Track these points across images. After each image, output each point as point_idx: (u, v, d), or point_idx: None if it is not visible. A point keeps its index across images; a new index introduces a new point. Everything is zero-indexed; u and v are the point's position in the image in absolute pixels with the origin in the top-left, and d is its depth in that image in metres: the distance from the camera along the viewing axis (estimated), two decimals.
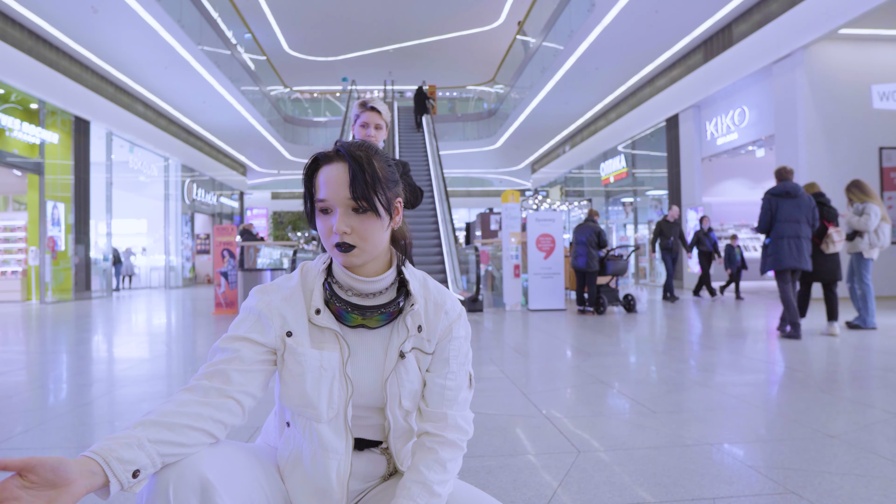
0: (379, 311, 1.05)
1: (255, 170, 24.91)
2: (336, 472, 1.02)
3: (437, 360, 1.10)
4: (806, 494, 1.86)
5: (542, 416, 2.89)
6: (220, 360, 0.98)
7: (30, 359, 4.95)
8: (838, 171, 9.39)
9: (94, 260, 13.50)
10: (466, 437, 1.08)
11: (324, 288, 1.06)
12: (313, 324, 1.04)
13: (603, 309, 8.15)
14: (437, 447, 1.03)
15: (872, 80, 9.34)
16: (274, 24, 19.86)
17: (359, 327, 1.06)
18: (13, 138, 11.01)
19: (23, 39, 10.75)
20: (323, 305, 1.05)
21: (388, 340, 1.07)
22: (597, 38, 12.03)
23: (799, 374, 3.86)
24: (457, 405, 1.08)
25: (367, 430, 1.09)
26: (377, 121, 2.68)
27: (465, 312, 1.15)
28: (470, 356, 1.14)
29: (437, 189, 11.72)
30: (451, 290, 9.23)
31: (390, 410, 1.05)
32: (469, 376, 1.13)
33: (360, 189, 0.98)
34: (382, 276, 1.06)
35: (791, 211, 5.43)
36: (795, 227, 5.41)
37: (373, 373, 1.06)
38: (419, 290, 1.10)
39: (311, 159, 1.04)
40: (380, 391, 1.06)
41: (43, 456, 0.73)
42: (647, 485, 1.98)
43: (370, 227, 1.00)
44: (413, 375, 1.07)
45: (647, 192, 16.42)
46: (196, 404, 0.91)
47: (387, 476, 1.12)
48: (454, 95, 26.11)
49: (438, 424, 1.05)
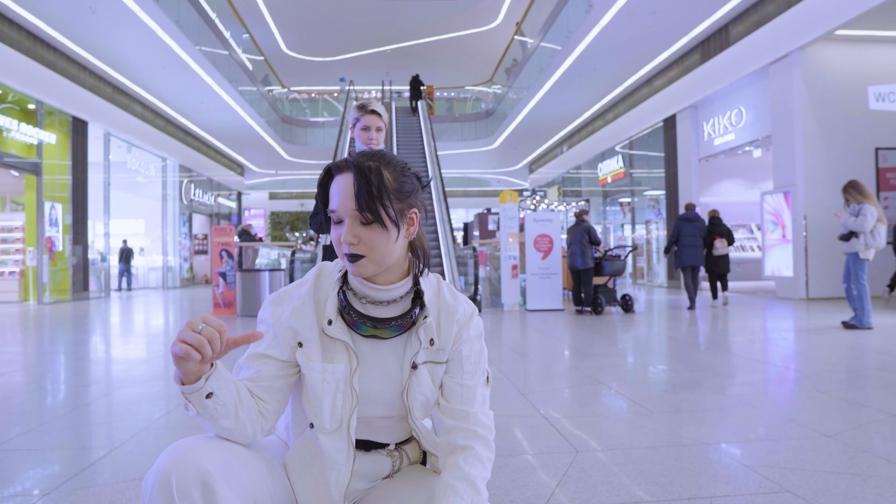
0: (391, 324, 1.06)
1: (253, 170, 24.89)
2: (334, 482, 1.03)
3: (452, 364, 1.11)
4: (801, 493, 1.88)
5: (540, 415, 2.90)
6: (243, 379, 1.02)
7: (28, 360, 4.95)
8: (835, 172, 9.42)
9: (91, 260, 13.48)
10: (492, 435, 1.09)
11: (338, 297, 1.06)
12: (325, 334, 1.05)
13: (601, 309, 8.17)
14: (472, 443, 1.05)
15: (869, 81, 9.38)
16: (272, 24, 19.84)
17: (371, 337, 1.07)
18: (11, 139, 10.99)
19: (20, 40, 10.73)
20: (336, 315, 1.05)
21: (403, 352, 1.08)
22: (594, 39, 12.05)
23: (795, 373, 3.88)
24: (477, 402, 1.10)
25: (376, 432, 1.10)
26: (378, 123, 2.67)
27: (476, 312, 1.16)
28: (485, 353, 1.15)
29: (435, 189, 11.73)
30: None
31: (411, 421, 1.08)
32: (486, 374, 1.14)
33: (365, 201, 0.98)
34: (397, 285, 1.07)
35: (691, 230, 8.52)
36: (693, 240, 8.49)
37: (383, 383, 1.07)
38: (432, 301, 1.11)
39: (325, 170, 1.05)
40: (390, 401, 1.07)
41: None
42: (645, 484, 1.99)
43: (376, 239, 1.00)
44: (426, 388, 1.08)
45: (644, 193, 16.45)
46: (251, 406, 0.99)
47: (390, 475, 1.14)
48: (452, 96, 26.11)
49: (463, 422, 1.07)
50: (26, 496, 1.97)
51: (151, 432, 2.71)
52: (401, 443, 1.15)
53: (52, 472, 2.20)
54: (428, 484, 1.09)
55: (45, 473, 2.19)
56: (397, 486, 1.10)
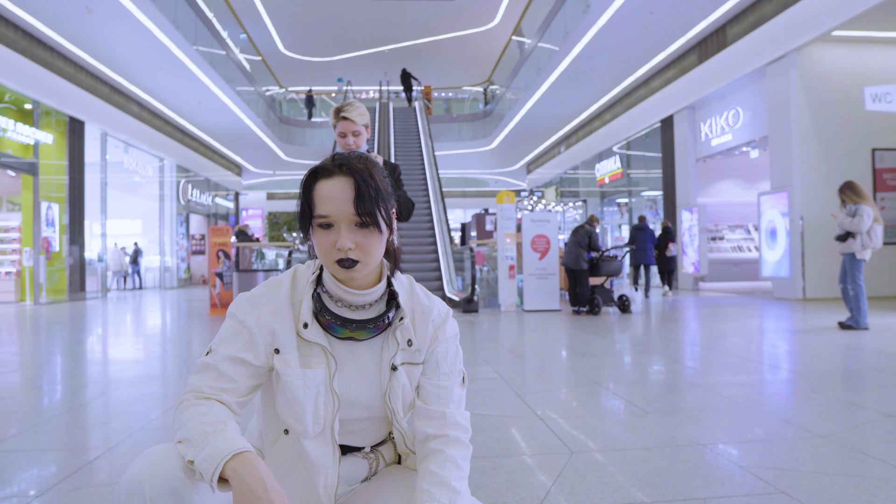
0: (368, 326, 1.05)
1: (251, 170, 24.85)
2: (323, 486, 1.03)
3: (428, 365, 1.11)
4: (796, 494, 1.88)
5: (535, 416, 2.90)
6: (214, 387, 0.97)
7: (24, 360, 4.94)
8: (831, 172, 9.45)
9: (88, 261, 13.45)
10: (467, 435, 1.08)
11: (313, 299, 1.05)
12: (301, 338, 1.03)
13: (598, 309, 8.17)
14: (443, 447, 1.04)
15: (865, 81, 9.40)
16: (269, 24, 19.81)
17: (347, 339, 1.06)
18: (7, 139, 10.96)
19: (17, 40, 10.71)
20: (311, 318, 1.04)
21: (380, 354, 1.08)
22: (592, 39, 12.07)
23: (791, 374, 3.89)
24: (452, 403, 1.09)
25: (352, 436, 1.10)
26: (353, 128, 2.58)
27: (450, 313, 1.15)
28: (460, 354, 1.15)
29: (433, 189, 11.73)
30: (446, 290, 9.25)
31: (395, 422, 1.08)
32: (462, 375, 1.14)
33: (367, 204, 0.97)
34: (373, 289, 1.05)
35: (642, 236, 11.04)
36: (644, 245, 11.02)
37: (362, 384, 1.06)
38: (407, 302, 1.10)
39: (310, 173, 1.02)
40: (371, 403, 1.07)
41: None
42: (640, 485, 1.99)
43: (372, 242, 1.00)
44: (406, 389, 1.07)
45: (642, 193, 16.48)
46: (212, 413, 0.93)
47: (368, 478, 1.14)
48: (450, 96, 26.11)
49: (438, 423, 1.06)
50: (22, 497, 1.97)
51: (147, 433, 2.70)
52: (376, 445, 1.15)
53: (47, 473, 2.19)
54: (407, 482, 1.09)
55: (41, 474, 2.19)
56: (379, 488, 1.10)
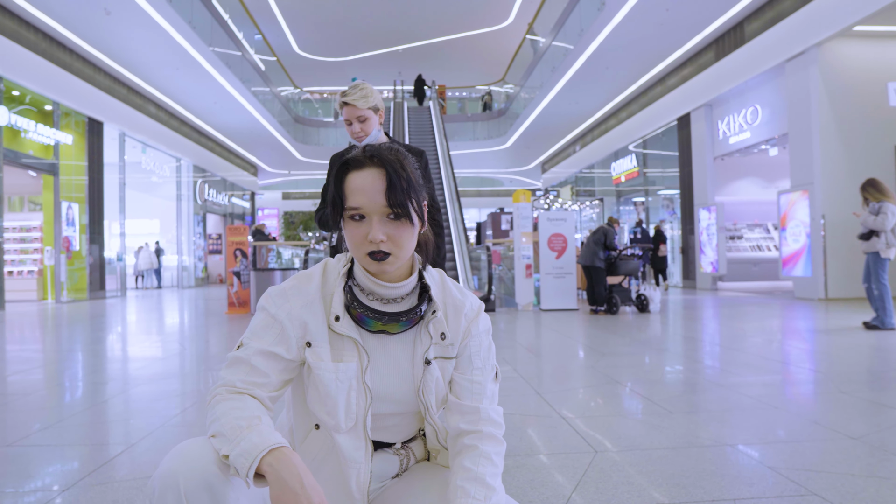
0: (400, 319, 1.03)
1: (266, 170, 25.02)
2: (356, 481, 1.02)
3: (461, 359, 1.09)
4: (829, 497, 1.83)
5: (556, 415, 2.87)
6: (247, 381, 0.96)
7: (46, 357, 5.00)
8: (853, 170, 9.27)
9: (107, 260, 13.62)
10: (501, 431, 1.06)
11: (344, 292, 1.03)
12: (333, 331, 1.02)
13: (616, 309, 8.11)
14: (477, 443, 1.02)
15: (889, 77, 9.22)
16: (284, 25, 19.95)
17: (379, 332, 1.04)
18: (28, 139, 11.13)
19: (37, 42, 10.87)
20: (343, 311, 1.02)
21: (413, 348, 1.06)
22: (607, 37, 11.96)
23: (817, 374, 3.81)
24: (486, 398, 1.07)
25: (384, 432, 1.08)
26: (357, 114, 2.39)
27: (483, 307, 1.14)
28: (493, 349, 1.13)
29: (448, 188, 11.72)
30: None
31: (428, 417, 1.06)
32: (495, 370, 1.12)
33: (399, 196, 0.96)
34: (405, 281, 1.04)
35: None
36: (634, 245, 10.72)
37: (394, 379, 1.05)
38: (439, 296, 1.08)
39: (342, 164, 1.01)
40: (403, 398, 1.05)
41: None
42: (666, 486, 1.96)
43: (404, 234, 0.98)
44: (439, 384, 1.06)
45: (658, 192, 16.32)
46: (245, 408, 0.92)
47: (399, 474, 1.12)
48: (464, 95, 26.08)
49: (472, 418, 1.04)
50: (46, 491, 1.99)
51: (168, 429, 2.72)
52: (406, 441, 1.13)
53: (70, 468, 2.21)
54: (440, 479, 1.07)
55: (65, 469, 2.21)
56: (411, 484, 1.09)
